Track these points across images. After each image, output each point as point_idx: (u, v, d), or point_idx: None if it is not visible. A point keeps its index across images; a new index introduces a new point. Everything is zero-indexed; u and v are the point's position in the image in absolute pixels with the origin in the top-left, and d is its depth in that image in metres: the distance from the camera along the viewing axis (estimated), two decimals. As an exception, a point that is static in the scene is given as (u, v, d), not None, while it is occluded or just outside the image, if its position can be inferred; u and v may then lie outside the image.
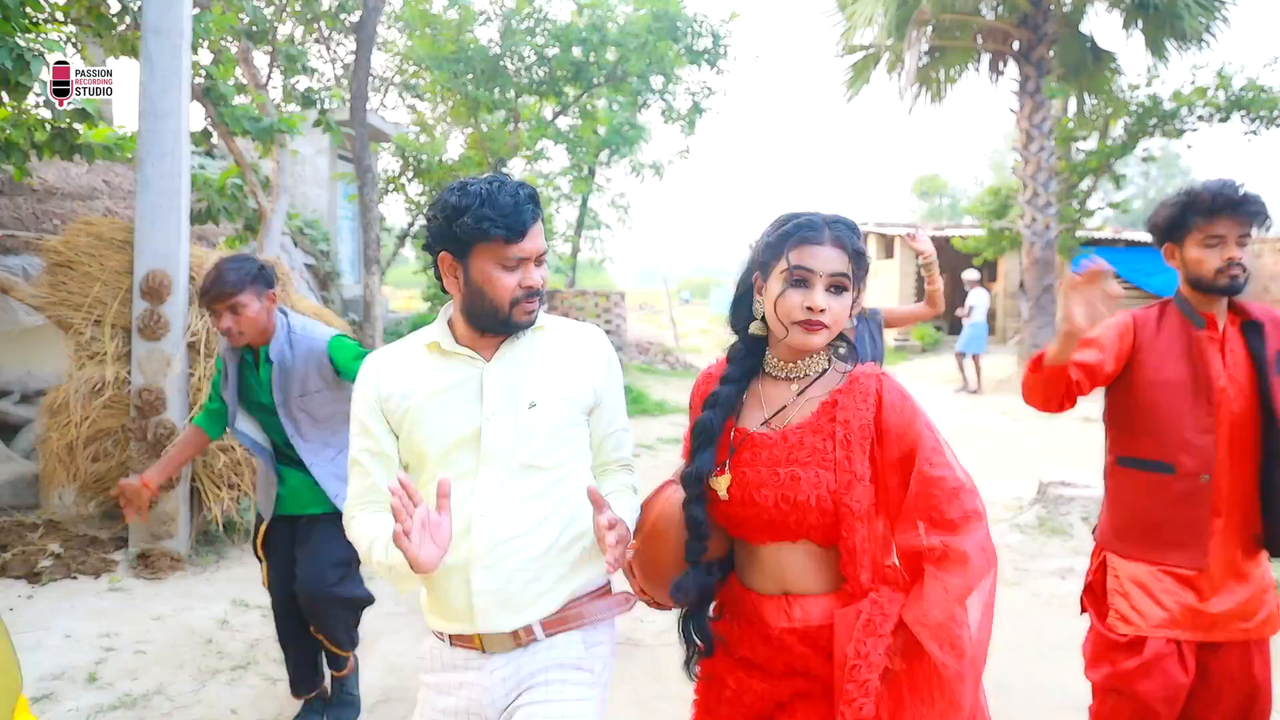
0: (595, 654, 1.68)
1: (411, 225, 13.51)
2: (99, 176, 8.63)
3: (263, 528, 2.97)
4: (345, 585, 2.92)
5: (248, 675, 3.51)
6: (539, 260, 1.63)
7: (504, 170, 11.31)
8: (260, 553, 3.03)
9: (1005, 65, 14.52)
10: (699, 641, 1.58)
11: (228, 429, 3.04)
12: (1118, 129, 15.69)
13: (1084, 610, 2.48)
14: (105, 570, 4.58)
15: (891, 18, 13.44)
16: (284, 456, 2.93)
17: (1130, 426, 2.34)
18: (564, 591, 1.64)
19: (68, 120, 5.23)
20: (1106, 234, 21.92)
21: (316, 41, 11.23)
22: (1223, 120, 14.70)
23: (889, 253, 22.21)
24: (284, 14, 6.74)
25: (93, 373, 4.78)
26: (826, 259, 1.46)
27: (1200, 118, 14.71)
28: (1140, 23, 13.34)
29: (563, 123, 12.42)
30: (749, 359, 1.60)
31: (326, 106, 6.80)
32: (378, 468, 1.66)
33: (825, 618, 1.45)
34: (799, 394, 1.53)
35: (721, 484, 1.51)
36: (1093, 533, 2.49)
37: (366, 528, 1.63)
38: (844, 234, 1.48)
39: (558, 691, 1.60)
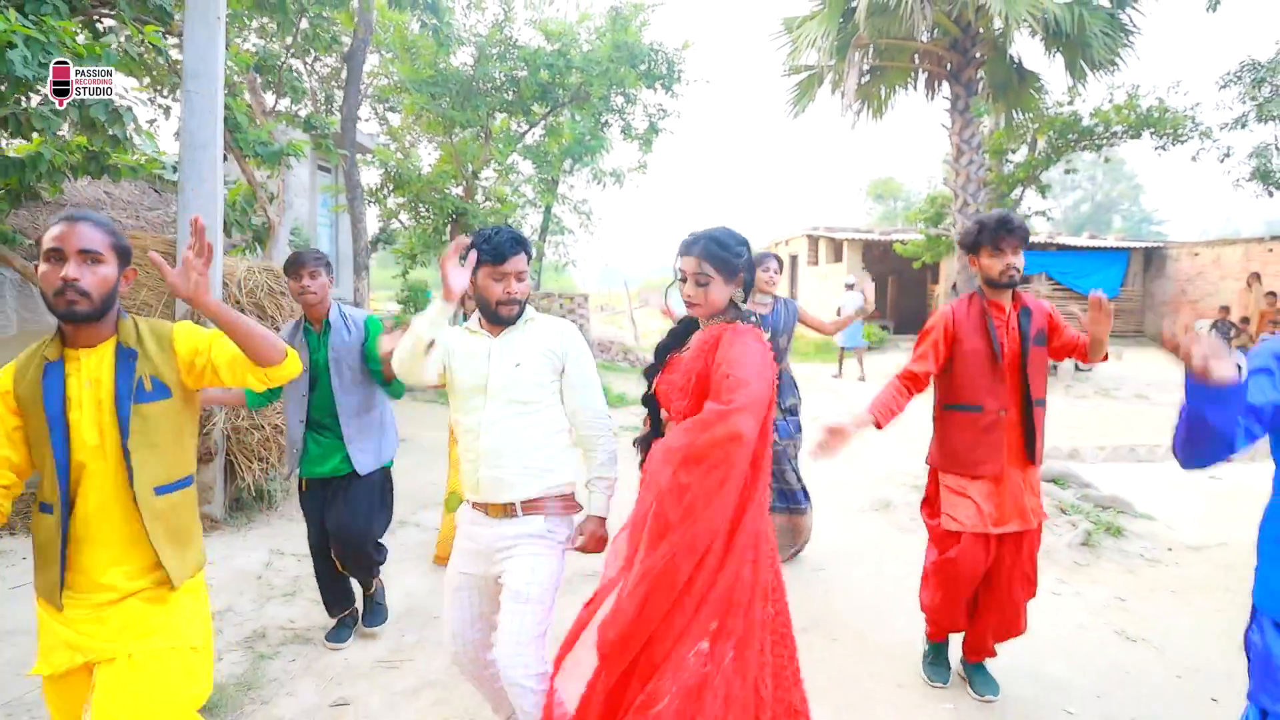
0: (553, 530, 2.65)
1: (382, 233, 14.29)
2: (101, 189, 9.37)
3: (302, 484, 3.85)
4: (369, 537, 3.78)
5: (296, 599, 4.43)
6: (519, 277, 2.61)
7: (477, 180, 12.24)
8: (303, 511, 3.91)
9: (940, 85, 15.71)
10: (642, 451, 2.59)
11: (271, 401, 3.80)
12: (1043, 143, 17.01)
13: (925, 516, 3.53)
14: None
15: (833, 41, 14.58)
16: (317, 426, 3.75)
17: (951, 383, 3.38)
18: (535, 487, 2.60)
19: (102, 145, 6.05)
20: (1042, 239, 23.38)
21: (294, 56, 12.06)
22: (1135, 137, 16.06)
23: (838, 256, 23.38)
24: (289, 51, 7.57)
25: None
26: (690, 264, 2.45)
27: (1114, 134, 16.07)
28: (1059, 48, 14.60)
29: (530, 138, 13.37)
30: (686, 324, 2.62)
31: (323, 132, 7.67)
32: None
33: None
34: (699, 337, 2.50)
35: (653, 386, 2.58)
36: (926, 461, 3.53)
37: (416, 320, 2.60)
38: (706, 246, 2.44)
39: (526, 548, 2.59)
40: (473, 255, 2.54)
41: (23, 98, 4.84)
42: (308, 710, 3.32)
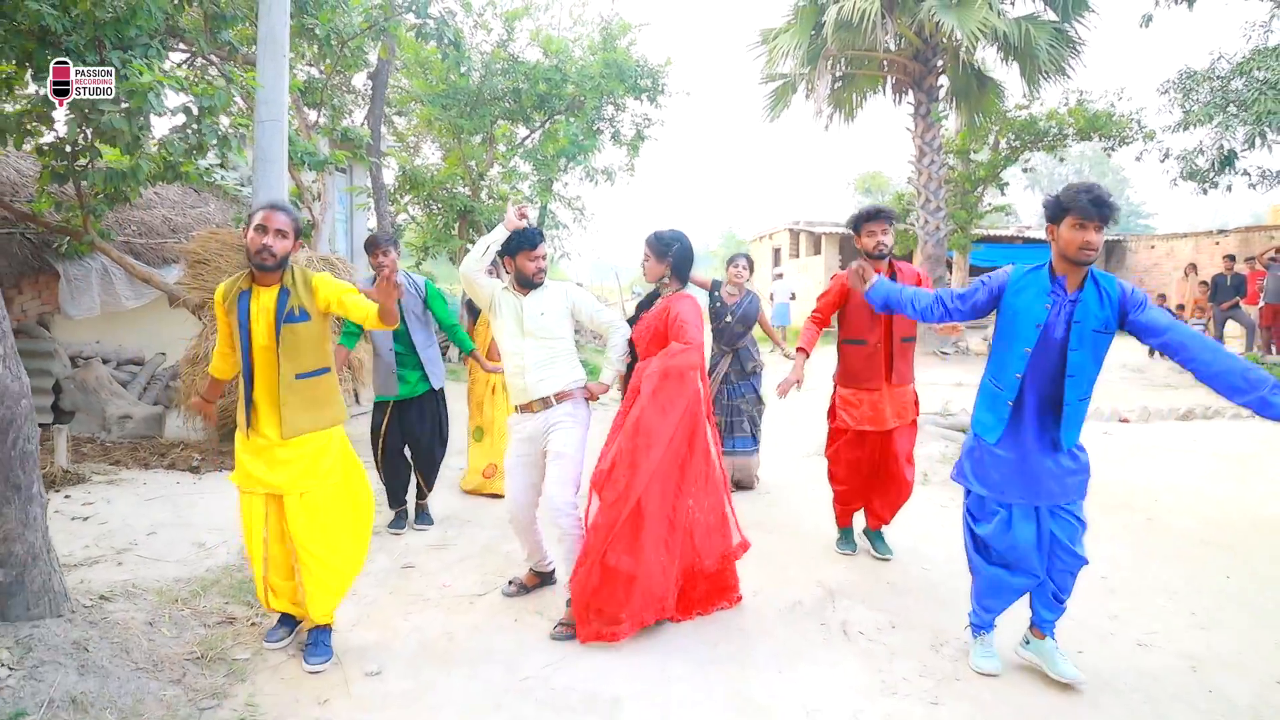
0: (576, 413, 3.99)
1: (394, 228, 15.64)
2: (152, 191, 10.63)
3: (388, 406, 5.25)
4: (439, 442, 5.28)
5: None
6: (543, 257, 3.98)
7: (482, 181, 13.62)
8: (384, 427, 5.28)
9: (906, 91, 17.08)
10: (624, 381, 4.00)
11: (357, 340, 5.28)
12: (1004, 144, 18.40)
13: (828, 421, 4.90)
14: (237, 468, 6.79)
15: (805, 51, 15.95)
16: (401, 359, 5.18)
17: (847, 324, 4.72)
18: (558, 384, 3.94)
19: (180, 157, 7.37)
20: (1012, 231, 24.82)
21: (309, 64, 13.41)
22: (1085, 139, 17.47)
23: (817, 249, 24.74)
24: (329, 76, 8.90)
25: (223, 335, 6.98)
26: (645, 249, 3.88)
27: (1066, 136, 17.48)
28: (1013, 58, 15.96)
29: (529, 142, 14.74)
30: (652, 294, 4.01)
31: (358, 143, 9.01)
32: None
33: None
34: (659, 302, 3.89)
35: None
36: (831, 378, 4.89)
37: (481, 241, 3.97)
38: (650, 238, 3.93)
39: (561, 425, 3.92)
40: (523, 222, 3.89)
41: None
42: (385, 569, 4.67)
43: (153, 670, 3.19)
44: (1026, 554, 3.32)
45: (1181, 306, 16.09)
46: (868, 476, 4.82)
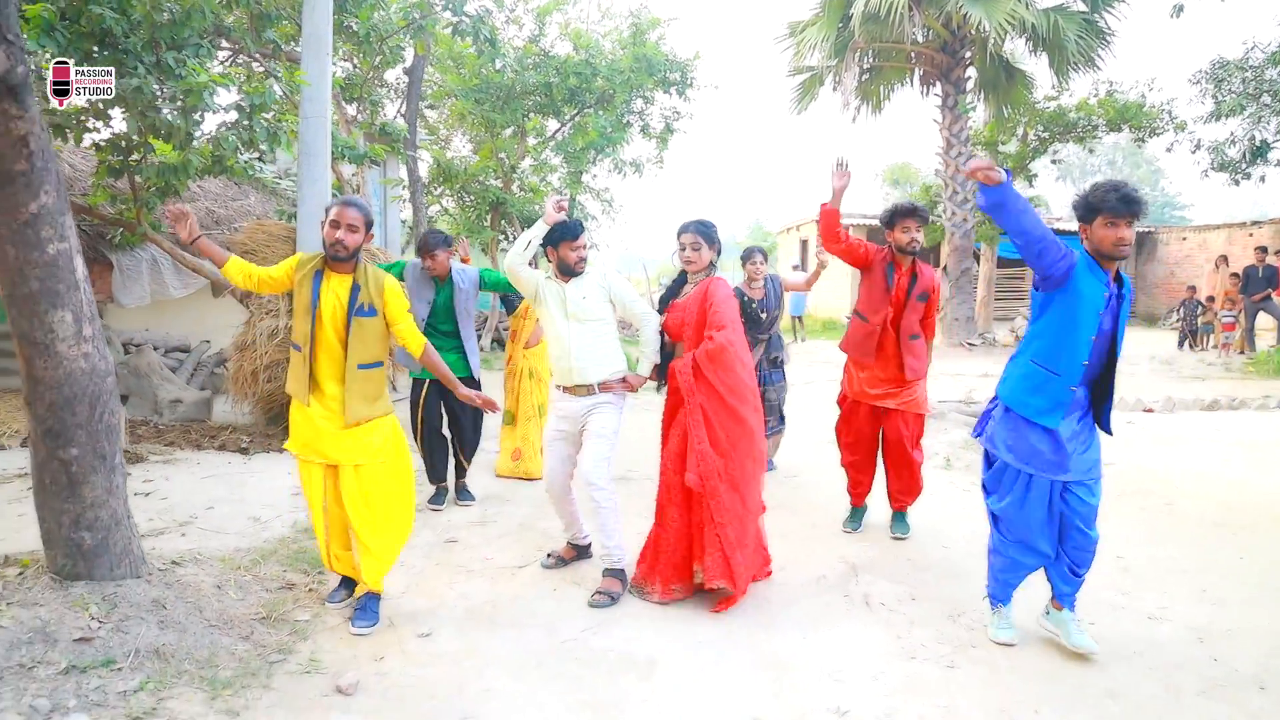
0: (616, 400, 4.22)
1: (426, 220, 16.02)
2: (195, 184, 10.96)
3: (425, 384, 5.52)
4: (477, 422, 5.54)
5: (404, 489, 6.05)
6: (584, 247, 4.20)
7: (514, 174, 13.91)
8: (421, 404, 5.55)
9: (934, 83, 17.14)
10: (663, 380, 4.20)
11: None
12: (1032, 136, 18.38)
13: (839, 399, 5.12)
14: (285, 450, 7.07)
15: (832, 44, 16.06)
16: (442, 343, 5.44)
17: (860, 297, 4.92)
18: (601, 373, 4.17)
19: (225, 152, 7.67)
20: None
21: (344, 59, 13.76)
22: (1115, 130, 17.42)
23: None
24: (367, 73, 9.19)
25: (270, 323, 7.27)
26: (688, 236, 4.09)
27: (1096, 127, 17.43)
28: (1042, 49, 15.98)
29: (560, 135, 15.01)
30: (679, 281, 4.22)
31: (396, 137, 9.29)
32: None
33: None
34: (694, 289, 4.11)
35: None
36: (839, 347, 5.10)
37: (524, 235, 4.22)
38: (697, 226, 4.12)
39: (600, 409, 4.16)
40: (561, 215, 4.12)
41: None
42: (430, 543, 4.92)
43: (224, 627, 3.45)
44: (1038, 530, 3.48)
45: (1212, 298, 16.04)
46: (872, 454, 5.08)
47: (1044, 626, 3.67)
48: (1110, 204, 3.17)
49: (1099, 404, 3.43)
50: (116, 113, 6.78)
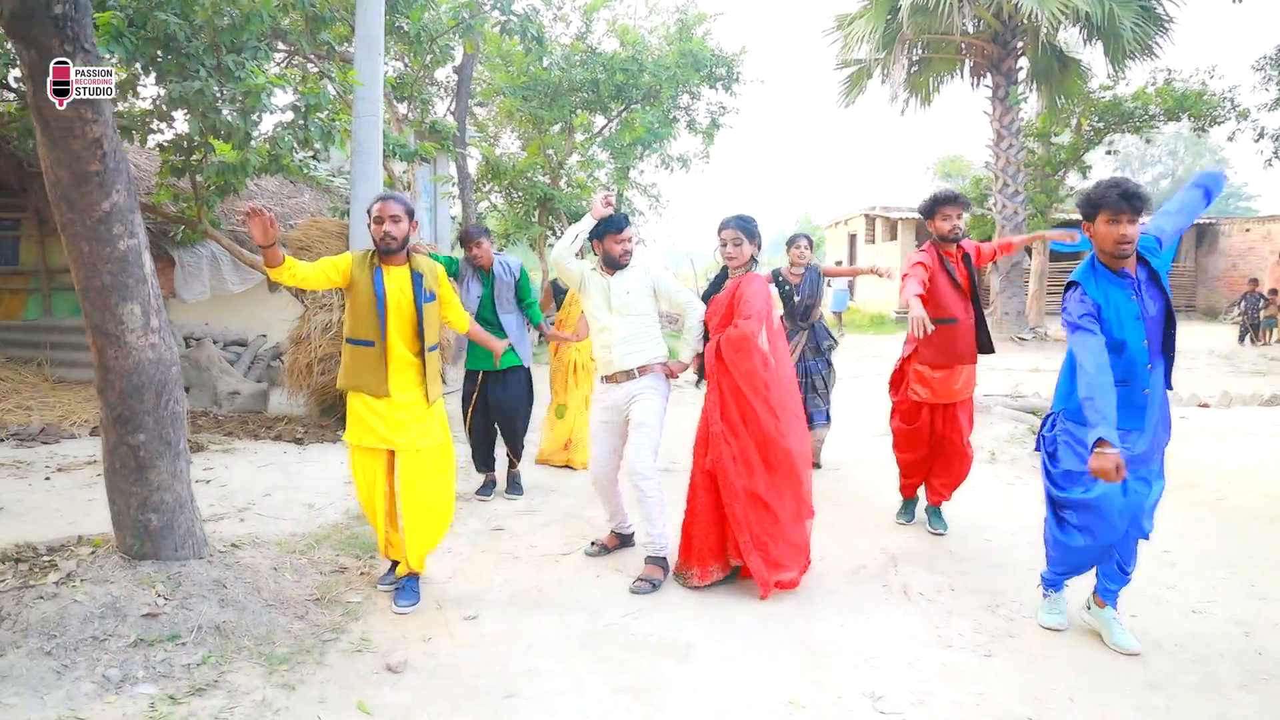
0: (657, 385, 4.30)
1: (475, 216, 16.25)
2: (252, 182, 11.25)
3: (478, 376, 5.65)
4: (523, 410, 5.69)
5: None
6: (630, 240, 4.28)
7: (562, 170, 14.07)
8: (475, 395, 5.69)
9: (984, 74, 16.89)
10: (702, 372, 4.25)
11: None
12: (1087, 126, 18.01)
13: (891, 395, 5.09)
14: (338, 440, 7.29)
15: (880, 36, 15.92)
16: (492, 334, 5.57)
17: (936, 303, 4.73)
18: (642, 359, 4.26)
19: (282, 151, 7.90)
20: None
21: (395, 58, 14.03)
22: (1174, 119, 17.01)
23: (893, 235, 24.55)
24: (418, 72, 9.39)
25: (324, 317, 7.48)
26: (728, 232, 4.15)
27: (1153, 116, 17.03)
28: (1097, 38, 15.64)
29: (607, 131, 15.12)
30: (720, 277, 4.28)
31: (446, 135, 9.47)
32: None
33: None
34: (729, 283, 4.17)
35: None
36: (903, 348, 5.04)
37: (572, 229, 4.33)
38: (737, 221, 4.17)
39: (643, 396, 4.24)
40: (608, 210, 4.20)
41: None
42: (477, 531, 5.06)
43: (280, 607, 3.61)
44: (1111, 520, 3.31)
45: (1275, 291, 15.60)
46: (929, 447, 5.00)
47: (1085, 620, 3.67)
48: (1111, 200, 3.15)
49: (1165, 375, 3.36)
50: (179, 115, 7.05)
